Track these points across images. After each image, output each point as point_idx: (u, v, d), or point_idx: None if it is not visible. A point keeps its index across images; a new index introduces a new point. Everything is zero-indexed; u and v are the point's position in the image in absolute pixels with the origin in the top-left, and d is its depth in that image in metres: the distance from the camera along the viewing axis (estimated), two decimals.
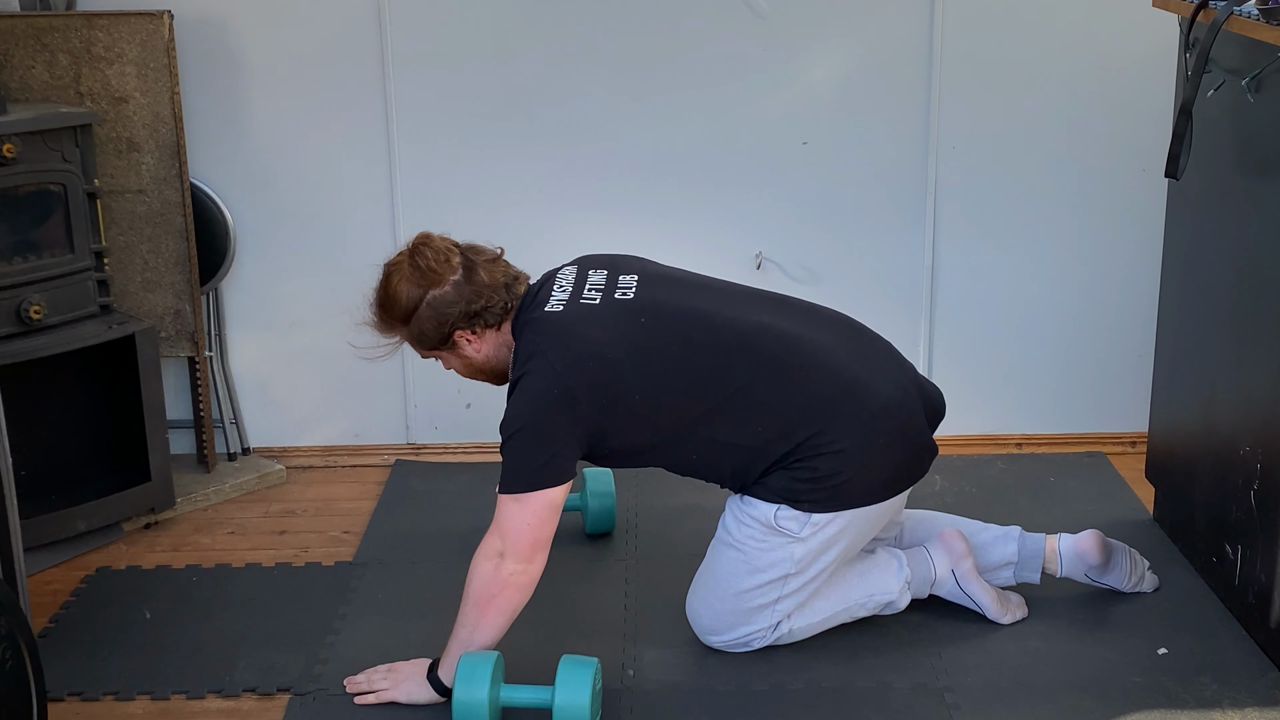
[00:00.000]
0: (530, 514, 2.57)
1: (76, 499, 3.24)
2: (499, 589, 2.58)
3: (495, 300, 2.68)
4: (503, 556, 2.57)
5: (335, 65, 3.50)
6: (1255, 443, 2.74)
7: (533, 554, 2.58)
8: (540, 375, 2.59)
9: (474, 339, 2.71)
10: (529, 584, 2.60)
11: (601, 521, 3.24)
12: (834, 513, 2.67)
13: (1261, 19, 2.56)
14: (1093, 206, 3.60)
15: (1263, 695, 2.64)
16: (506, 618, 2.60)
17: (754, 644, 2.76)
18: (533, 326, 2.65)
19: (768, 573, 2.70)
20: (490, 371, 2.77)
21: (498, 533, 2.59)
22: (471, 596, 2.60)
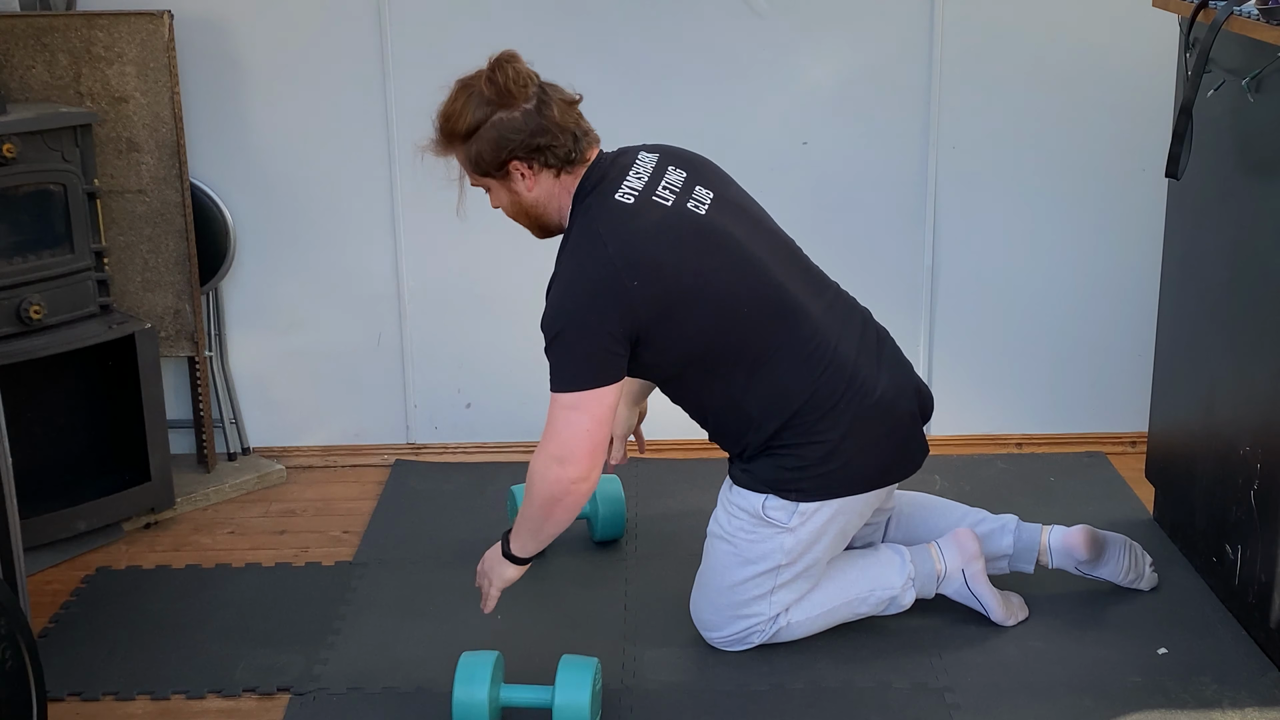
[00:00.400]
0: (586, 417, 2.52)
1: (76, 499, 3.24)
2: (562, 494, 2.55)
3: (561, 142, 2.56)
4: (562, 463, 2.53)
5: (335, 65, 3.50)
6: (1255, 443, 2.74)
7: (592, 460, 2.54)
8: (596, 264, 2.51)
9: (529, 175, 2.58)
10: (589, 491, 2.57)
11: (611, 528, 3.22)
12: (821, 501, 2.67)
13: (1261, 19, 2.57)
14: (1093, 206, 3.60)
15: (1262, 695, 2.64)
16: (570, 516, 2.60)
17: (753, 639, 2.75)
18: (598, 209, 2.57)
19: (759, 564, 2.71)
20: (534, 216, 2.65)
21: (554, 439, 2.54)
22: (535, 501, 2.58)
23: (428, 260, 3.63)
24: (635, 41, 3.50)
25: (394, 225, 3.60)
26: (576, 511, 2.61)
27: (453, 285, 3.65)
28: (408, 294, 3.65)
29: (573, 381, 2.51)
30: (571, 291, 2.53)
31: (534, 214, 2.65)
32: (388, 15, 3.46)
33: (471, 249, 3.62)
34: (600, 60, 3.50)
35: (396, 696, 2.68)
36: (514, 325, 3.67)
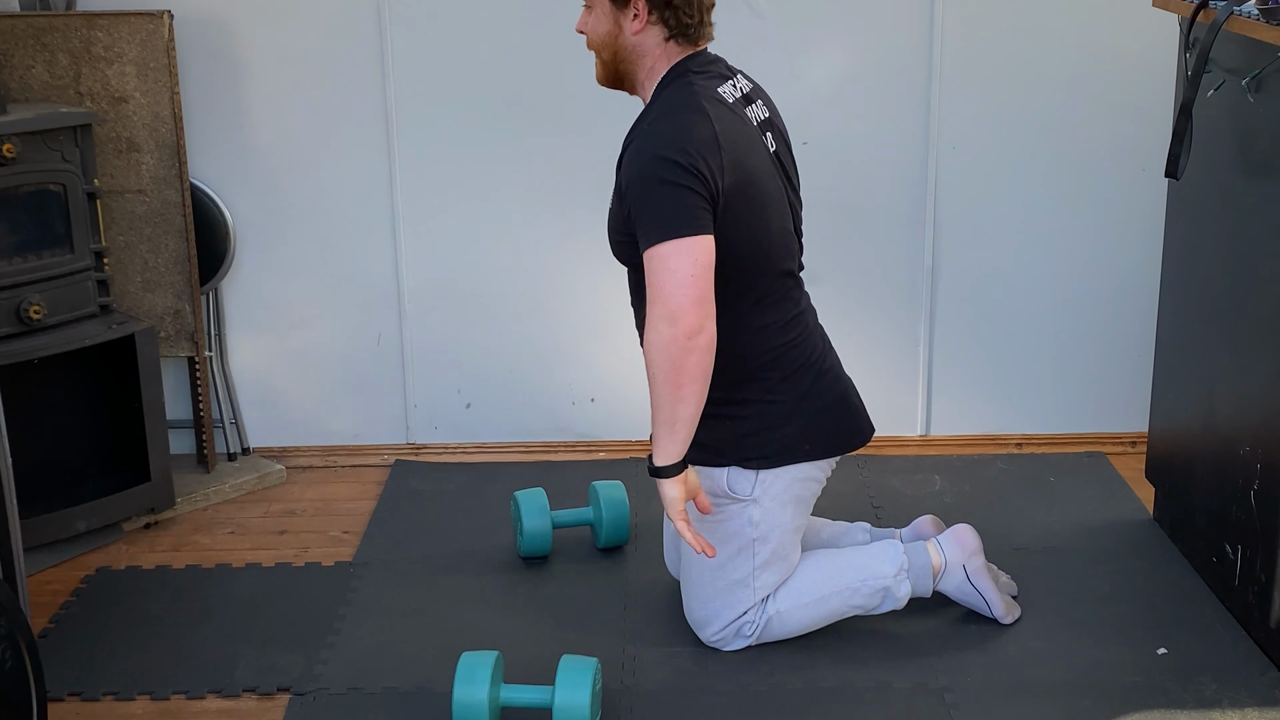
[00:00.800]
0: (689, 263, 2.45)
1: (76, 499, 3.24)
2: (682, 357, 2.47)
3: (691, 13, 2.55)
4: (674, 322, 2.46)
5: (335, 65, 3.50)
6: (1255, 443, 2.74)
7: (702, 310, 2.46)
8: (699, 126, 2.50)
9: (643, 19, 2.56)
10: (710, 344, 2.48)
11: (615, 535, 3.21)
12: (779, 468, 2.69)
13: (1261, 19, 2.57)
14: (1093, 206, 3.60)
15: (1262, 695, 2.64)
16: (701, 383, 2.50)
17: (746, 631, 2.75)
18: (702, 87, 2.56)
19: (733, 542, 2.71)
20: (620, 59, 2.62)
21: (660, 300, 2.47)
22: (659, 376, 2.50)
23: (428, 260, 3.63)
24: None
25: (394, 225, 3.60)
26: (705, 378, 2.49)
27: (453, 285, 3.65)
28: (408, 294, 3.65)
29: (675, 228, 2.46)
30: (674, 143, 2.49)
31: (621, 57, 2.62)
32: (388, 15, 3.46)
33: (471, 249, 3.62)
34: None
35: (396, 696, 2.68)
36: (514, 325, 3.68)
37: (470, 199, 3.59)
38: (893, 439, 3.74)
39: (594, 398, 3.73)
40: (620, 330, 3.67)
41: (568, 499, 3.36)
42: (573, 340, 3.69)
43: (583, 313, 3.67)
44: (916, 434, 3.75)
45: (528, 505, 3.15)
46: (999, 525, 3.28)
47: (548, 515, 3.16)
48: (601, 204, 3.57)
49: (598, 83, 2.71)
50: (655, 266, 2.47)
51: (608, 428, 3.75)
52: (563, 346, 3.69)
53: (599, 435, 3.75)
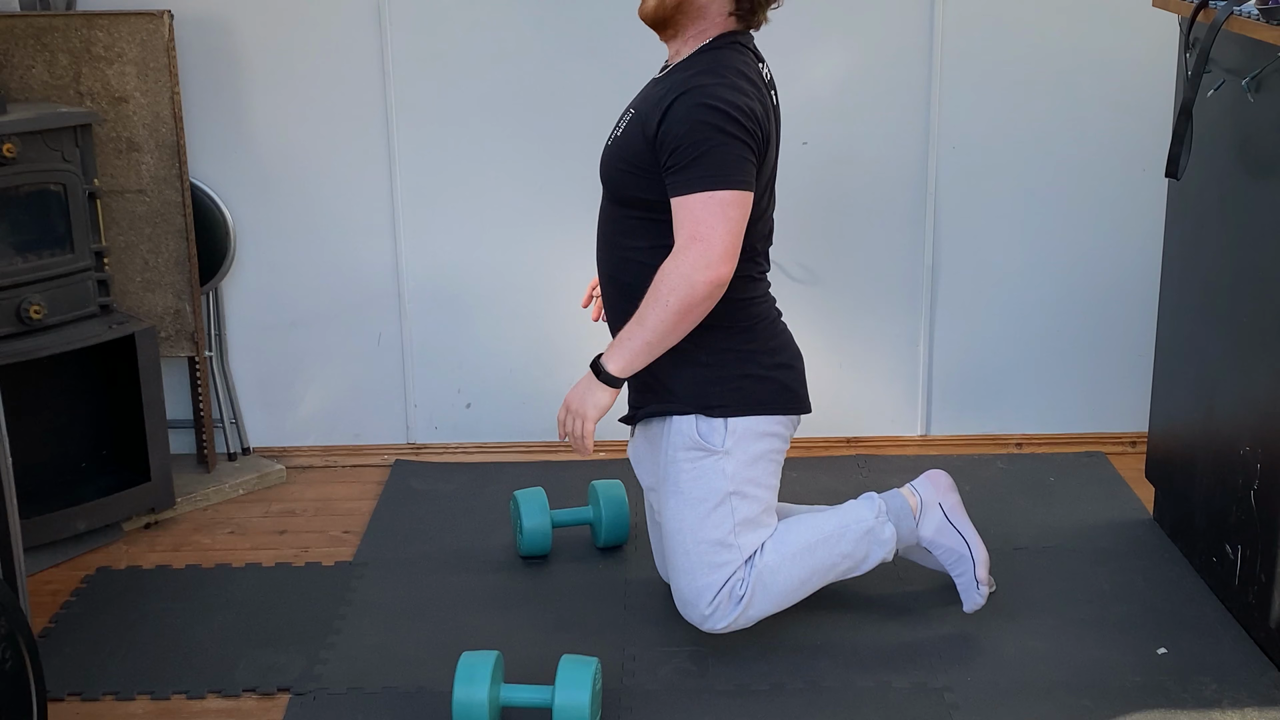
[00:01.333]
0: (740, 214, 2.53)
1: (76, 499, 3.24)
2: (702, 300, 2.55)
3: (758, 4, 2.65)
4: (710, 265, 2.52)
5: (335, 66, 3.50)
6: (1255, 443, 2.74)
7: (734, 261, 2.54)
8: (752, 85, 2.59)
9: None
10: (720, 295, 2.57)
11: (615, 534, 3.22)
12: (744, 417, 2.71)
13: (1261, 19, 2.57)
14: (1093, 206, 3.60)
15: (1263, 695, 2.64)
16: (692, 326, 2.59)
17: (738, 591, 2.70)
18: (753, 59, 2.66)
19: (710, 499, 2.70)
20: (677, 8, 2.65)
21: (701, 240, 2.52)
22: (668, 304, 2.55)
23: (428, 260, 3.63)
24: (634, 41, 3.50)
25: (394, 225, 3.60)
26: (696, 323, 2.58)
27: (453, 285, 3.65)
28: (408, 294, 3.65)
29: (730, 179, 2.53)
30: (734, 102, 2.54)
31: (683, 9, 2.66)
32: (388, 15, 3.46)
33: (471, 249, 3.62)
34: (599, 60, 3.50)
35: (396, 696, 2.68)
36: (514, 325, 3.68)
37: (470, 199, 3.59)
38: (893, 439, 3.74)
39: None
40: None
41: (567, 499, 3.36)
42: (573, 340, 3.69)
43: (583, 313, 3.67)
44: (916, 434, 3.75)
45: (527, 504, 3.15)
46: (999, 525, 3.28)
47: (547, 514, 3.16)
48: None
49: (639, 15, 2.73)
50: (711, 208, 2.53)
51: (607, 428, 3.72)
52: (563, 346, 3.69)
53: (599, 435, 3.72)
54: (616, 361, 2.63)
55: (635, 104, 2.75)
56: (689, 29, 2.68)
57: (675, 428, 2.73)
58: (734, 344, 2.72)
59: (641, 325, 2.60)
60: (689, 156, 2.54)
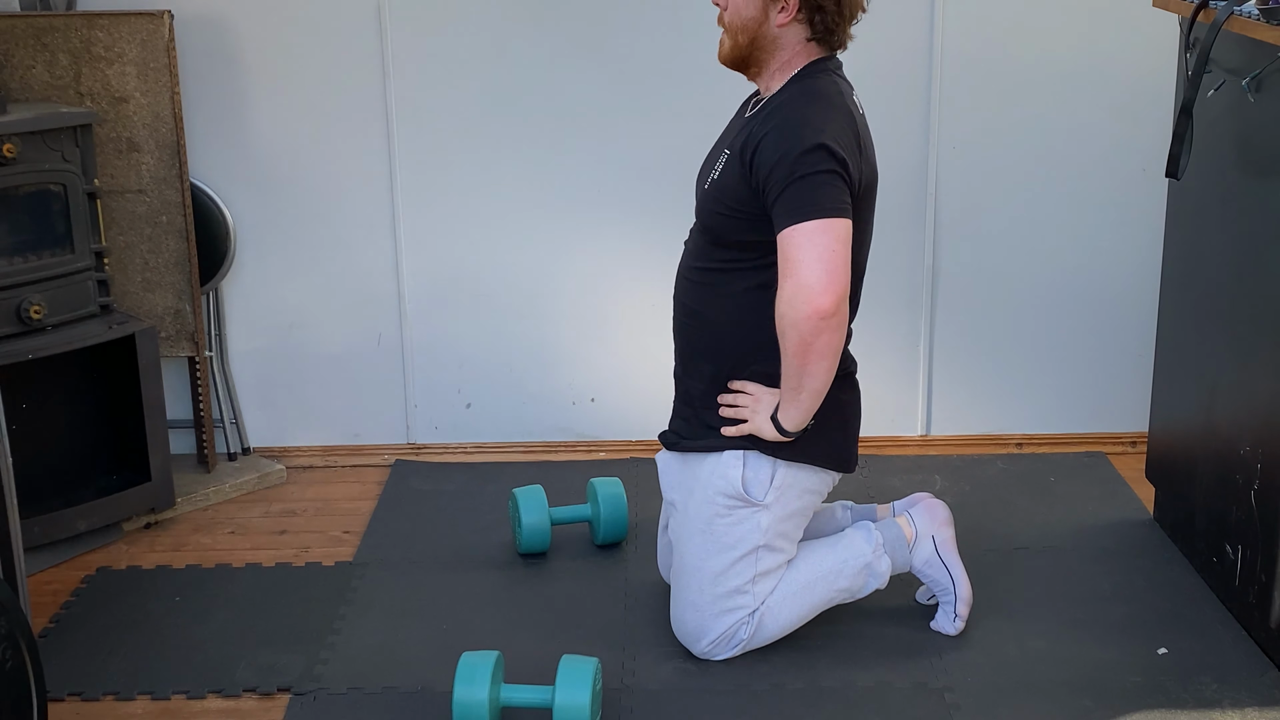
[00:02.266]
0: (834, 239, 2.50)
1: (76, 499, 3.24)
2: (813, 335, 2.52)
3: (838, 22, 2.61)
4: (809, 299, 2.50)
5: (335, 65, 3.50)
6: (1255, 443, 2.74)
7: (839, 289, 2.50)
8: (848, 118, 2.58)
9: (789, 14, 2.59)
10: (841, 323, 2.54)
11: (613, 531, 3.22)
12: (795, 467, 2.69)
13: (1261, 19, 2.57)
14: (1093, 206, 3.60)
15: (1263, 695, 2.64)
16: (830, 359, 2.55)
17: (740, 635, 2.73)
18: (845, 89, 2.64)
19: (738, 548, 2.69)
20: (755, 46, 2.63)
21: (787, 275, 2.51)
22: (788, 348, 2.55)
23: (428, 260, 3.63)
24: (635, 41, 3.50)
25: (394, 225, 3.60)
26: (834, 354, 2.55)
27: (453, 285, 3.65)
28: (408, 294, 3.65)
29: (831, 209, 2.51)
30: (828, 134, 2.53)
31: (758, 44, 2.64)
32: (388, 15, 3.46)
33: (471, 249, 3.62)
34: (600, 60, 3.50)
35: (396, 696, 2.68)
36: (514, 325, 3.68)
37: (470, 199, 3.59)
38: (893, 439, 3.74)
39: (594, 398, 3.73)
40: (620, 330, 3.68)
41: (567, 498, 3.36)
42: (573, 340, 3.69)
43: (583, 313, 3.68)
44: (916, 434, 3.75)
45: (526, 502, 3.15)
46: (999, 525, 3.29)
47: (546, 512, 3.16)
48: (602, 203, 3.59)
49: (719, 60, 2.71)
50: (798, 240, 2.51)
51: (608, 427, 3.75)
52: (563, 346, 3.69)
53: (599, 435, 3.76)
54: (784, 418, 2.62)
55: (729, 143, 2.71)
56: (771, 63, 2.66)
57: (720, 468, 2.71)
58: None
59: (784, 378, 2.60)
60: (779, 191, 2.53)
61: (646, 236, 3.60)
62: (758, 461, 2.69)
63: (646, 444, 3.74)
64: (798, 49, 2.64)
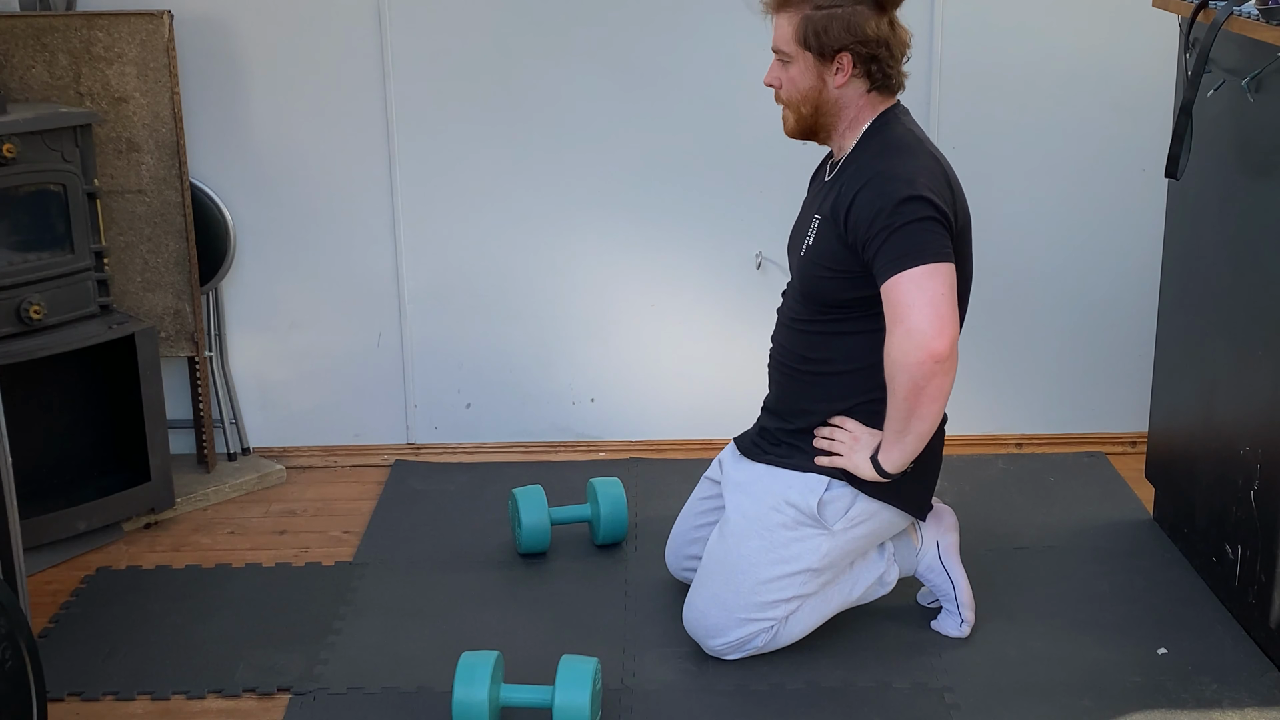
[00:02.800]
0: (940, 282, 2.50)
1: (76, 499, 3.24)
2: (926, 379, 2.51)
3: (894, 68, 2.62)
4: (921, 345, 2.49)
5: (335, 65, 3.50)
6: (1255, 443, 2.74)
7: (949, 333, 2.50)
8: (933, 163, 2.60)
9: (846, 74, 2.60)
10: (952, 367, 2.53)
11: (613, 531, 3.21)
12: (877, 504, 2.69)
13: (1261, 19, 2.57)
14: (1093, 206, 3.60)
15: (1263, 695, 2.64)
16: (940, 403, 2.56)
17: (756, 643, 2.73)
18: (920, 134, 2.65)
19: (791, 564, 2.68)
20: (820, 112, 2.66)
21: (907, 320, 2.51)
22: (898, 392, 2.55)
23: (428, 260, 3.63)
24: (635, 41, 3.50)
25: (394, 225, 3.60)
26: (943, 398, 2.55)
27: (453, 285, 3.65)
28: (408, 294, 3.65)
29: (935, 254, 2.51)
30: (916, 182, 2.54)
31: (823, 110, 2.66)
32: (388, 15, 3.46)
33: (471, 249, 3.62)
34: (600, 60, 3.50)
35: (396, 696, 2.68)
36: (514, 325, 3.68)
37: (470, 199, 3.59)
38: None
39: (594, 398, 3.73)
40: (620, 330, 3.68)
41: (567, 499, 3.36)
42: (573, 340, 3.69)
43: (583, 313, 3.68)
44: None
45: (526, 502, 3.15)
46: (999, 525, 3.29)
47: (545, 511, 3.16)
48: (602, 202, 3.59)
49: (787, 134, 2.73)
50: (906, 288, 2.51)
51: (608, 428, 3.75)
52: (563, 346, 3.69)
53: (599, 435, 3.75)
54: (884, 459, 2.63)
55: (817, 208, 2.71)
56: (839, 124, 2.68)
57: (800, 482, 2.70)
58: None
59: (889, 416, 2.60)
60: (880, 244, 2.53)
61: (647, 236, 3.61)
62: (840, 489, 2.69)
63: (646, 444, 3.74)
64: (861, 103, 2.65)
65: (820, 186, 2.76)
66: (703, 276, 3.64)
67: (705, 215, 3.60)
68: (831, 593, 2.77)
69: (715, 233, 3.61)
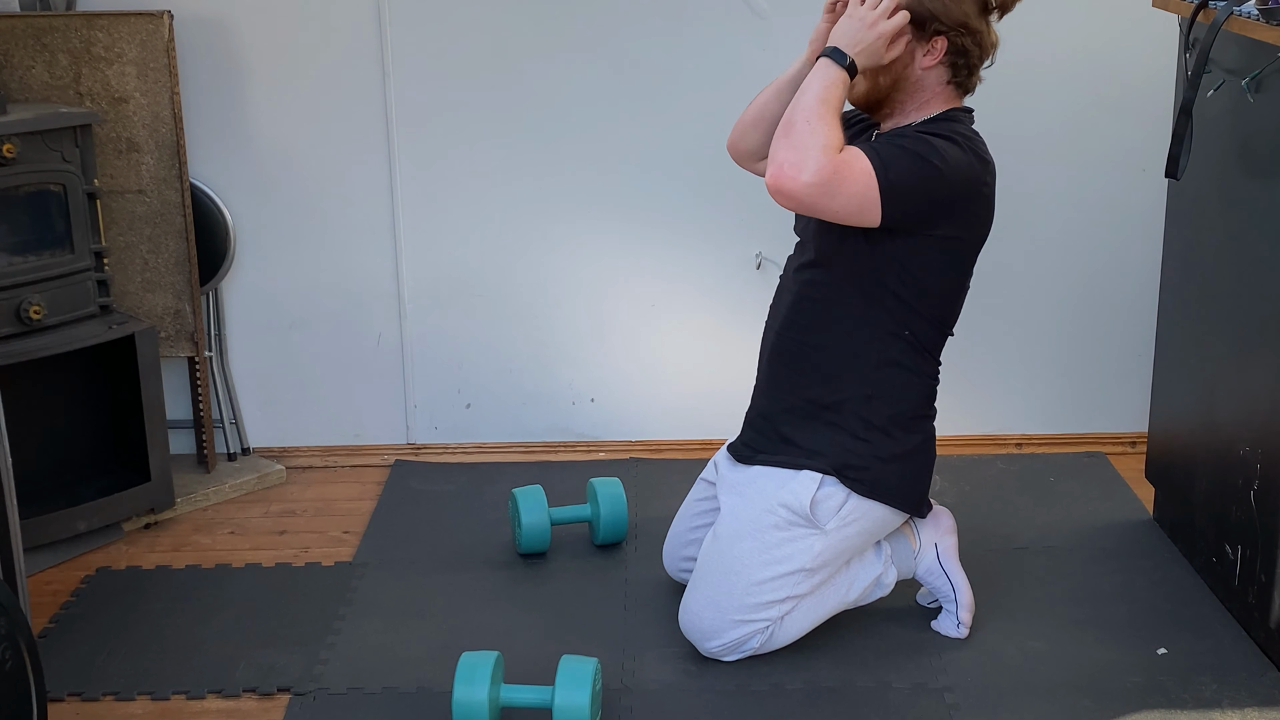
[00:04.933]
0: (860, 173, 2.48)
1: (76, 499, 3.24)
2: (776, 179, 2.49)
3: (977, 66, 2.66)
4: (815, 167, 2.45)
5: (335, 65, 3.50)
6: (1255, 443, 2.74)
7: (818, 174, 2.45)
8: (978, 158, 2.63)
9: (935, 57, 2.61)
10: (811, 189, 2.47)
11: (613, 532, 3.21)
12: (869, 502, 2.69)
13: (1261, 19, 2.57)
14: (1093, 206, 3.60)
15: (1263, 695, 2.64)
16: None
17: (751, 645, 2.73)
18: (975, 133, 2.68)
19: (784, 564, 2.68)
20: (896, 87, 2.65)
21: (830, 161, 2.46)
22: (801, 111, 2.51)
23: (428, 260, 3.63)
24: (635, 41, 3.50)
25: (394, 225, 3.60)
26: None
27: (453, 285, 3.65)
28: (408, 294, 3.65)
29: (886, 163, 2.50)
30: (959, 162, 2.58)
31: (900, 86, 2.65)
32: (388, 15, 3.46)
33: (471, 249, 3.62)
34: (600, 60, 3.50)
35: (396, 696, 2.68)
36: (514, 325, 3.68)
37: (470, 199, 3.59)
38: None
39: (594, 398, 3.73)
40: (620, 330, 3.68)
41: (567, 499, 3.36)
42: (573, 340, 3.69)
43: (583, 313, 3.68)
44: None
45: (526, 502, 3.16)
46: (999, 525, 3.29)
47: (545, 511, 3.16)
48: (602, 202, 3.59)
49: (850, 101, 2.70)
50: (849, 160, 2.49)
51: (608, 428, 3.75)
52: (563, 346, 3.69)
53: (599, 435, 3.75)
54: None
55: None
56: (908, 104, 2.68)
57: (791, 482, 2.71)
58: (898, 430, 2.72)
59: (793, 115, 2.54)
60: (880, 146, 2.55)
61: (647, 236, 3.61)
62: (832, 487, 2.69)
63: (646, 444, 3.74)
64: (937, 91, 2.66)
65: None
66: (703, 276, 3.64)
67: (705, 215, 3.60)
68: (827, 593, 2.76)
69: (715, 233, 3.61)
